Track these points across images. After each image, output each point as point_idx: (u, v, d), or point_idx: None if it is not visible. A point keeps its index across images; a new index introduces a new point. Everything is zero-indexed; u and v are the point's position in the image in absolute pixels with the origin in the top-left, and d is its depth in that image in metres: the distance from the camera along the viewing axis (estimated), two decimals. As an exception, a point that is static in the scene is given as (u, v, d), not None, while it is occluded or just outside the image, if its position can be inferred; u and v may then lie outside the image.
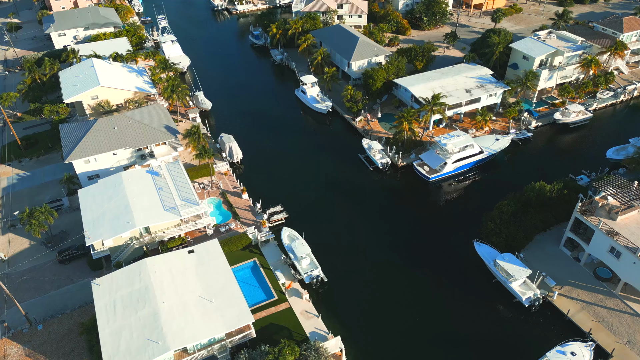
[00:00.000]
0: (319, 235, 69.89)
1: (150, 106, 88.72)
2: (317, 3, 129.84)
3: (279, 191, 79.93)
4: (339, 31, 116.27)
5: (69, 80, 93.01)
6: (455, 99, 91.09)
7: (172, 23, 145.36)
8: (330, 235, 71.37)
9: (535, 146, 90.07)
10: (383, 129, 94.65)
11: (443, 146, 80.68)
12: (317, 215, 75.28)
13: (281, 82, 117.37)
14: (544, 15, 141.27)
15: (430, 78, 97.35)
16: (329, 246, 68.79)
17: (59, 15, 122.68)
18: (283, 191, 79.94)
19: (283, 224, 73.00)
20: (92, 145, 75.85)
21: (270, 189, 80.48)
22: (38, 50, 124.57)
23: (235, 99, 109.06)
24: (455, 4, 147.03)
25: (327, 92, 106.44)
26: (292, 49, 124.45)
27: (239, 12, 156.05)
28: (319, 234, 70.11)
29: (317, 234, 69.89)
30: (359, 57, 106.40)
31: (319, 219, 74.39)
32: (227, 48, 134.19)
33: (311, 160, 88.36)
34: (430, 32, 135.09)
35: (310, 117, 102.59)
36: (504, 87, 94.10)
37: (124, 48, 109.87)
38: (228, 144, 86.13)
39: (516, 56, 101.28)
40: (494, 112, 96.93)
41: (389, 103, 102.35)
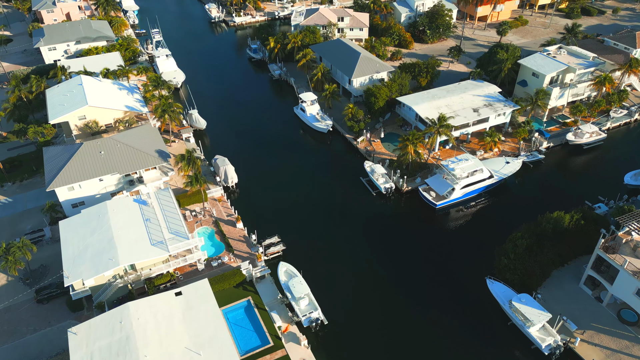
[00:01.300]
0: (319, 270, 64.91)
1: (141, 127, 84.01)
2: (317, 16, 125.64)
3: (276, 219, 75.07)
4: (339, 46, 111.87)
5: (55, 99, 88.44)
6: (462, 119, 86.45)
7: (168, 35, 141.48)
8: (331, 269, 66.34)
9: (548, 169, 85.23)
10: (386, 150, 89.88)
11: (451, 171, 75.85)
12: (316, 247, 70.27)
13: (279, 99, 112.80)
14: (550, 28, 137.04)
15: (435, 96, 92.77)
16: (330, 283, 63.76)
17: (50, 29, 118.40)
18: (280, 219, 75.07)
19: (280, 256, 68.02)
20: (76, 171, 71.01)
21: (266, 217, 75.64)
22: (28, 65, 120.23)
23: (231, 117, 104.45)
24: (459, 16, 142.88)
25: (327, 110, 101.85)
26: (291, 64, 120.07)
27: (236, 25, 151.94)
28: (318, 268, 65.15)
29: (317, 268, 64.94)
30: (360, 74, 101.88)
31: (318, 251, 69.40)
32: (223, 62, 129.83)
33: (310, 184, 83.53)
34: (433, 46, 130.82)
35: (310, 136, 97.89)
36: (513, 106, 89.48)
37: (115, 63, 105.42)
38: (222, 167, 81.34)
39: (525, 73, 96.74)
40: (502, 132, 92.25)
41: (392, 122, 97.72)
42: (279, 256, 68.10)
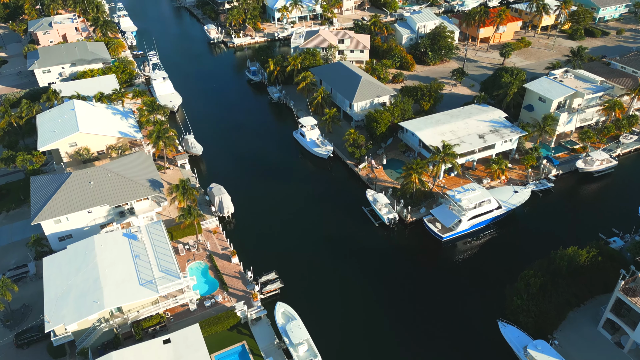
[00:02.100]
0: (319, 311, 61.02)
1: (134, 154, 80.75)
2: (317, 39, 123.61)
3: (273, 252, 71.34)
4: (340, 69, 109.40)
5: (46, 124, 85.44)
6: (467, 146, 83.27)
7: (166, 57, 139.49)
8: (332, 310, 62.32)
9: (557, 198, 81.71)
10: (389, 178, 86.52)
11: (457, 202, 72.31)
12: (316, 284, 66.37)
13: (278, 123, 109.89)
14: (554, 50, 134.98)
15: (439, 121, 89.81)
16: (331, 326, 59.74)
17: (44, 51, 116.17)
18: (278, 252, 71.34)
19: (277, 295, 64.06)
20: (63, 203, 67.52)
21: (263, 250, 71.94)
22: (22, 87, 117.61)
23: (228, 142, 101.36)
24: (461, 37, 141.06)
25: (328, 134, 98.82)
26: (290, 86, 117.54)
27: (235, 46, 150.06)
28: (318, 309, 61.27)
29: (316, 309, 61.07)
30: (361, 98, 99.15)
31: (318, 289, 65.48)
32: (222, 84, 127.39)
33: (310, 214, 79.92)
34: (435, 68, 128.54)
35: (310, 162, 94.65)
36: (520, 132, 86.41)
37: (110, 86, 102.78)
38: (218, 197, 77.87)
39: (531, 97, 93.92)
40: (509, 159, 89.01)
41: (395, 147, 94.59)
42: (277, 294, 64.15)
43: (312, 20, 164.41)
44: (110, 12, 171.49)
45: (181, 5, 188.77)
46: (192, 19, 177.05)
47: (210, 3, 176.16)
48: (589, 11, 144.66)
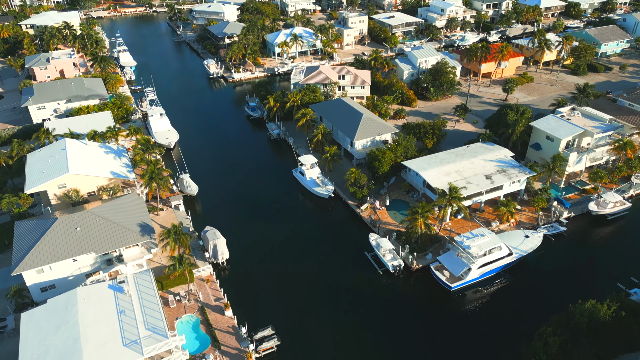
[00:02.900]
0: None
1: (125, 197, 77.11)
2: (318, 75, 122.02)
3: (270, 303, 66.82)
4: (340, 106, 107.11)
5: (35, 165, 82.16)
6: (474, 187, 79.71)
7: (165, 91, 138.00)
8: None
9: (571, 243, 77.57)
10: (392, 220, 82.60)
11: (466, 249, 68.17)
12: (316, 339, 61.54)
13: (278, 160, 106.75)
14: (557, 85, 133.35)
15: (443, 161, 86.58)
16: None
17: (40, 87, 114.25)
18: (275, 303, 66.82)
19: (274, 353, 59.12)
20: (47, 252, 63.40)
21: (259, 300, 67.40)
22: (16, 123, 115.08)
23: (225, 180, 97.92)
24: (463, 72, 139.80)
25: (328, 173, 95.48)
26: (290, 122, 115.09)
27: (235, 81, 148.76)
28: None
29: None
30: (363, 136, 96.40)
31: (318, 345, 60.61)
32: (220, 120, 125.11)
33: (310, 260, 75.54)
34: (437, 103, 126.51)
35: (310, 201, 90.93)
36: (528, 173, 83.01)
37: (105, 124, 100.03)
38: (212, 241, 73.71)
39: (538, 136, 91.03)
40: (518, 200, 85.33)
41: (398, 187, 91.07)
42: (273, 353, 59.22)
43: (313, 55, 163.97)
44: (111, 47, 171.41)
45: (182, 40, 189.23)
46: (192, 54, 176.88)
47: (211, 38, 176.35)
48: (591, 46, 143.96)
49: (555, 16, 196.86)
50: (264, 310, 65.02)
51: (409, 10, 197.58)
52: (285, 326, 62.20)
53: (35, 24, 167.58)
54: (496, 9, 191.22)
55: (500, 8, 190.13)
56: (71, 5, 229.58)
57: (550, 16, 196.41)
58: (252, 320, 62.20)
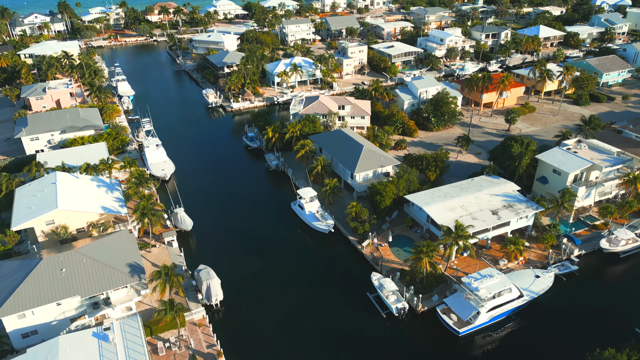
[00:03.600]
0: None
1: (115, 234, 73.65)
2: (317, 105, 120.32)
3: (267, 349, 62.68)
4: (340, 137, 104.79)
5: (24, 200, 79.03)
6: (480, 223, 76.42)
7: (163, 121, 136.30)
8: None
9: (583, 283, 73.79)
10: (396, 258, 78.95)
11: (474, 291, 64.40)
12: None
13: (276, 192, 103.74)
14: (560, 115, 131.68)
15: (447, 195, 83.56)
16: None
17: (34, 118, 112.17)
18: (271, 350, 62.53)
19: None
20: (30, 295, 59.61)
21: (254, 347, 63.23)
22: (9, 154, 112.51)
23: (222, 214, 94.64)
24: (464, 102, 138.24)
25: (328, 206, 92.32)
26: (289, 153, 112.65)
27: (234, 110, 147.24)
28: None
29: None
30: (363, 168, 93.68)
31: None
32: (218, 150, 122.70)
33: (308, 302, 71.55)
34: (439, 134, 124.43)
35: (309, 237, 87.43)
36: (536, 208, 79.85)
37: (99, 156, 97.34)
38: (206, 282, 69.85)
39: (545, 169, 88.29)
40: (526, 236, 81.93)
41: (400, 222, 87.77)
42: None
43: (312, 84, 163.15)
44: (110, 76, 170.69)
45: (181, 69, 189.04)
46: (191, 83, 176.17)
47: (210, 67, 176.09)
48: (592, 77, 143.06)
49: (554, 46, 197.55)
50: (259, 357, 60.74)
51: (408, 40, 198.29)
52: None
53: (34, 54, 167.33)
54: (495, 39, 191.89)
55: (499, 38, 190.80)
56: (72, 34, 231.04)
57: (549, 46, 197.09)
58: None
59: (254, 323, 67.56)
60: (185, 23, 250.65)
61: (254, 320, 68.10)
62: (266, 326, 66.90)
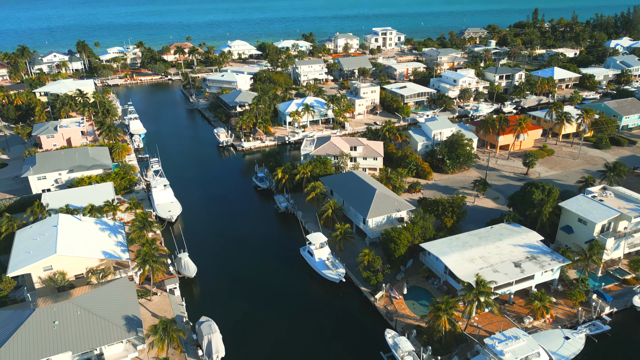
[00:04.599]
0: None
1: (113, 283, 69.96)
2: (329, 146, 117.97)
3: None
4: (352, 180, 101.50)
5: (23, 243, 76.21)
6: (502, 277, 71.33)
7: (173, 159, 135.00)
8: None
9: (617, 345, 67.45)
10: (411, 312, 73.62)
11: (499, 354, 58.78)
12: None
13: (285, 236, 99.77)
14: (580, 159, 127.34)
15: (466, 244, 78.89)
16: None
17: (42, 157, 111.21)
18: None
19: None
20: (19, 351, 55.79)
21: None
22: (16, 193, 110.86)
23: (227, 259, 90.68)
24: (479, 144, 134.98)
25: (339, 253, 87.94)
26: (299, 194, 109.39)
27: (244, 149, 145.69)
28: None
29: None
30: (376, 213, 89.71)
31: None
32: (227, 190, 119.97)
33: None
34: (454, 176, 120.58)
35: (318, 286, 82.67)
36: (562, 261, 74.69)
37: (105, 196, 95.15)
38: (207, 336, 65.05)
39: (569, 218, 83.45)
40: (551, 291, 76.34)
41: (416, 271, 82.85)
42: None
43: (324, 124, 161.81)
44: (123, 114, 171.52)
45: (194, 108, 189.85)
46: (203, 121, 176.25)
47: (222, 106, 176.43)
48: (612, 119, 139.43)
49: (569, 88, 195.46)
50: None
51: (421, 80, 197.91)
52: None
53: (49, 92, 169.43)
54: (509, 80, 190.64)
55: (513, 79, 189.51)
56: (89, 73, 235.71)
57: (564, 87, 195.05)
58: None
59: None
60: (200, 62, 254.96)
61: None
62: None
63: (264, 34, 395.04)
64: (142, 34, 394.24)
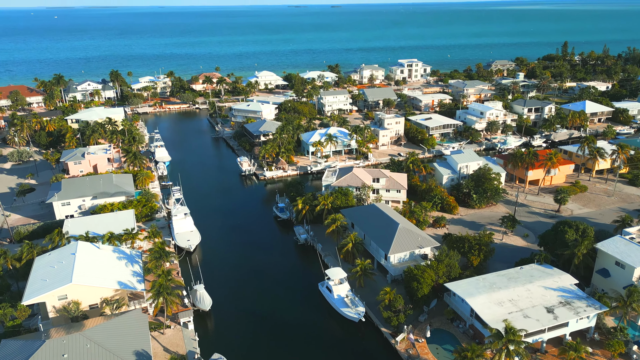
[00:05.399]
0: None
1: (126, 315, 68.32)
2: (351, 177, 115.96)
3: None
4: (374, 213, 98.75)
5: (41, 271, 75.91)
6: (534, 323, 66.57)
7: (195, 188, 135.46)
8: None
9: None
10: (434, 357, 69.15)
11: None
12: None
13: (303, 270, 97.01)
14: (615, 197, 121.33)
15: (493, 285, 74.54)
16: None
17: (68, 183, 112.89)
18: None
19: None
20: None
21: None
22: (41, 218, 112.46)
23: (244, 292, 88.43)
24: (507, 178, 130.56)
25: (359, 290, 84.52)
26: (319, 226, 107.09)
27: (266, 178, 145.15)
28: None
29: None
30: (399, 249, 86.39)
31: None
32: (247, 220, 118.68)
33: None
34: (481, 211, 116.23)
35: (337, 324, 79.16)
36: (599, 307, 69.41)
37: (126, 224, 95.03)
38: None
39: (606, 260, 78.26)
40: (587, 340, 70.73)
41: (440, 312, 78.52)
42: None
43: (347, 154, 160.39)
44: (150, 142, 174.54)
45: (219, 136, 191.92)
46: (227, 150, 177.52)
47: (247, 135, 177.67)
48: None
49: (602, 122, 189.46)
50: None
51: (447, 112, 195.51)
52: None
53: (80, 119, 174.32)
54: (538, 113, 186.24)
55: (542, 112, 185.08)
56: (121, 101, 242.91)
57: (596, 121, 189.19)
58: None
59: None
60: (227, 92, 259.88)
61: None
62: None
63: (291, 65, 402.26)
64: (174, 64, 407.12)
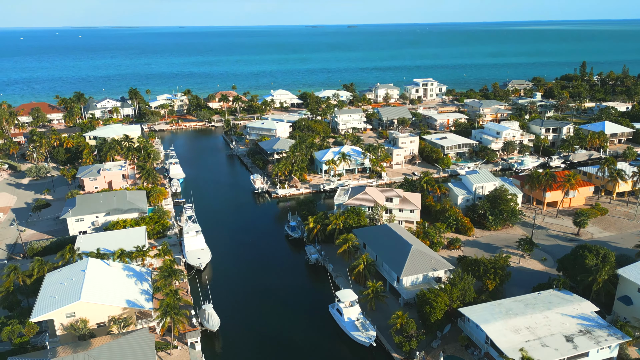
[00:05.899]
0: None
1: (133, 334, 67.54)
2: (363, 196, 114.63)
3: None
4: (387, 233, 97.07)
5: (50, 287, 75.90)
6: (552, 353, 63.80)
7: (207, 205, 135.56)
8: None
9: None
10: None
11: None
12: None
13: (314, 290, 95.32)
14: (637, 220, 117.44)
15: (510, 311, 71.93)
16: None
17: (82, 199, 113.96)
18: None
19: None
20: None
21: None
22: (55, 234, 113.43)
23: (252, 312, 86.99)
24: (524, 199, 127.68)
25: (370, 312, 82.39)
26: (330, 246, 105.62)
27: (279, 196, 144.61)
28: None
29: None
30: (411, 272, 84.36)
31: None
32: (258, 238, 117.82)
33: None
34: (497, 233, 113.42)
35: (347, 348, 77.06)
36: (621, 337, 66.26)
37: (137, 241, 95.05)
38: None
39: (628, 287, 75.06)
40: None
41: (454, 338, 75.88)
42: None
43: (360, 172, 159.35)
44: (165, 159, 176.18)
45: (234, 154, 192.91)
46: (241, 167, 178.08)
47: (260, 153, 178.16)
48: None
49: (622, 143, 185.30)
50: None
51: (462, 132, 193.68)
52: None
53: (97, 136, 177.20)
54: (556, 133, 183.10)
55: (560, 133, 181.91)
56: (138, 118, 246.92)
57: (616, 142, 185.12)
58: None
59: None
60: (243, 110, 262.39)
61: None
62: None
63: (306, 83, 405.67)
64: (191, 83, 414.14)
